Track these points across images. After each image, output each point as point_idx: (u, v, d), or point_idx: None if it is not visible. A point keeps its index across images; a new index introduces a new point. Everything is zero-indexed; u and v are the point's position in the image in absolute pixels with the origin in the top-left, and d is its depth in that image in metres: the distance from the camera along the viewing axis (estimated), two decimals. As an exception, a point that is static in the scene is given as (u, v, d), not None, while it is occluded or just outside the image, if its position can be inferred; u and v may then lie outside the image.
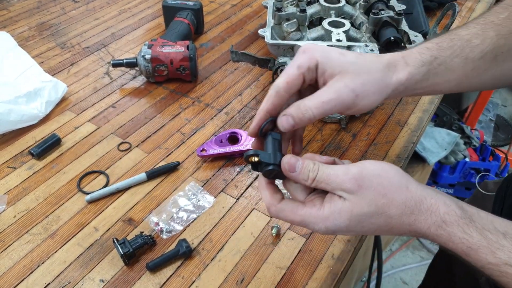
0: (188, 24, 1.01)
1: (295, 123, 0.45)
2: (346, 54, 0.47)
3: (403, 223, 0.40)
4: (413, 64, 0.48)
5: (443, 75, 0.50)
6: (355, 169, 0.41)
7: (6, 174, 0.72)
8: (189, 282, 0.57)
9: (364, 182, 0.40)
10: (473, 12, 1.20)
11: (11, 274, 0.57)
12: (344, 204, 0.41)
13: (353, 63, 0.46)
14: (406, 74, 0.48)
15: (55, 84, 0.85)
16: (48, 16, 1.17)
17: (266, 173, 0.45)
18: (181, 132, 0.81)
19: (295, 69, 0.45)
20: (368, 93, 0.46)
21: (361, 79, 0.45)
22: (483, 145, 1.98)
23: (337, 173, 0.41)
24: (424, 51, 0.50)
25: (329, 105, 0.44)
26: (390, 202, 0.40)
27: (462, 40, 0.50)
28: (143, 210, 0.66)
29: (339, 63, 0.45)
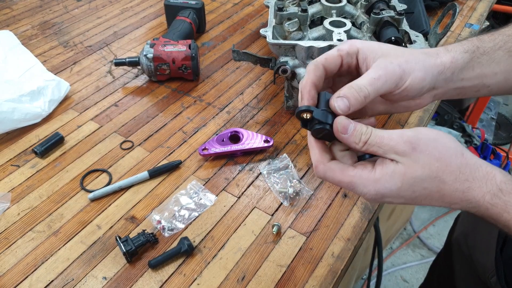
0: (190, 23, 1.02)
1: (350, 104, 0.43)
2: (386, 44, 0.48)
3: (457, 190, 0.39)
4: (455, 50, 0.48)
5: (488, 66, 0.49)
6: (410, 133, 0.40)
7: (10, 172, 0.73)
8: (191, 280, 0.57)
9: (419, 145, 0.39)
10: (474, 11, 1.20)
11: (15, 271, 0.58)
12: (397, 166, 0.39)
13: (393, 48, 0.47)
14: (450, 58, 0.47)
15: (58, 82, 0.86)
16: (51, 15, 1.18)
17: (315, 131, 0.43)
18: (183, 131, 0.81)
19: (335, 51, 0.46)
20: (413, 69, 0.45)
21: (404, 57, 0.45)
22: (484, 143, 1.98)
23: (391, 136, 0.40)
24: (465, 42, 0.49)
25: (380, 81, 0.43)
26: (444, 167, 0.39)
27: (504, 35, 0.50)
28: (145, 208, 0.67)
29: (380, 49, 0.46)
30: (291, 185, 0.69)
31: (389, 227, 1.74)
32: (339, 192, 0.69)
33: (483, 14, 1.20)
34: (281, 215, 0.66)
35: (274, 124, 0.82)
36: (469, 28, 1.13)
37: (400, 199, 0.41)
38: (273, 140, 0.76)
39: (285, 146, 0.78)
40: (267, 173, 0.72)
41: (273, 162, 0.73)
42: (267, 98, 0.89)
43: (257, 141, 0.75)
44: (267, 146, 0.74)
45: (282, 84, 0.93)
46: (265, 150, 0.76)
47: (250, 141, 0.75)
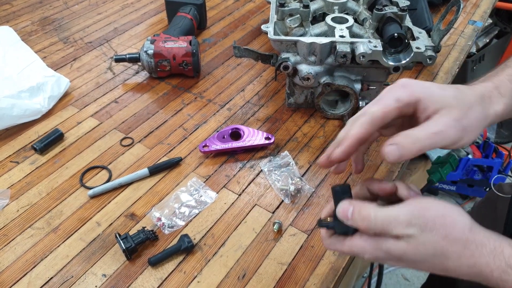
0: (191, 19, 1.01)
1: (402, 154, 0.40)
2: (446, 89, 0.45)
3: (461, 265, 0.38)
4: (508, 95, 0.46)
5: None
6: (417, 211, 0.38)
7: (9, 168, 0.72)
8: (191, 277, 0.57)
9: (427, 225, 0.38)
10: (477, 8, 1.19)
11: (14, 268, 0.58)
12: (397, 244, 0.39)
13: (455, 97, 0.43)
14: (502, 106, 0.46)
15: (58, 79, 0.85)
16: (51, 11, 1.17)
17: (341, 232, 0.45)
18: (183, 127, 0.81)
19: (394, 101, 0.42)
20: (473, 128, 0.43)
21: (467, 114, 0.43)
22: (486, 142, 1.97)
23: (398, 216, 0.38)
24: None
25: (439, 136, 0.41)
26: (449, 245, 0.38)
27: None
28: (145, 205, 0.66)
29: (442, 98, 0.43)
30: (292, 183, 0.68)
31: (390, 225, 1.73)
32: (340, 190, 0.69)
33: (487, 11, 1.19)
34: (282, 212, 0.65)
35: (275, 121, 0.82)
36: (472, 25, 1.12)
37: (400, 263, 0.40)
38: (274, 137, 0.75)
39: (286, 143, 0.77)
40: (268, 171, 0.71)
41: (274, 160, 0.73)
42: (268, 95, 0.88)
43: (258, 138, 0.74)
44: (268, 143, 0.74)
45: (283, 81, 0.92)
46: (266, 147, 0.76)
47: (251, 138, 0.74)
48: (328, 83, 0.77)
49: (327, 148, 0.46)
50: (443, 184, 1.99)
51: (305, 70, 0.76)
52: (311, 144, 0.77)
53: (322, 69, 0.77)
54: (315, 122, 0.81)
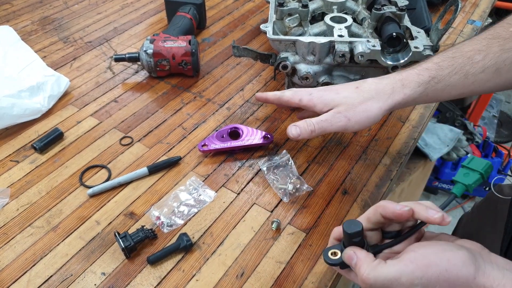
0: (190, 19, 1.01)
1: (300, 133, 0.60)
2: (340, 92, 0.60)
3: None
4: (409, 86, 0.56)
5: (443, 90, 0.55)
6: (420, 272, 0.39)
7: (9, 167, 0.72)
8: (190, 276, 0.57)
9: (430, 284, 0.38)
10: (477, 8, 1.20)
11: (14, 267, 0.58)
12: None
13: (345, 97, 0.59)
14: (402, 96, 0.56)
15: (57, 78, 0.86)
16: (51, 11, 1.17)
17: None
18: (182, 127, 0.81)
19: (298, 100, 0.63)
20: (359, 118, 0.58)
21: (352, 107, 0.58)
22: (485, 141, 1.97)
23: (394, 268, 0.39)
24: (423, 72, 0.56)
25: (325, 123, 0.59)
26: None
27: (464, 57, 0.54)
28: (145, 204, 0.66)
29: (332, 101, 0.59)
30: (291, 182, 0.68)
31: (389, 225, 1.73)
32: (339, 189, 0.69)
33: (486, 11, 1.19)
34: (280, 211, 0.65)
35: (274, 121, 0.82)
36: (471, 25, 1.12)
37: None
38: (273, 137, 0.75)
39: (285, 143, 0.77)
40: (266, 170, 0.71)
41: (273, 159, 0.73)
42: (267, 94, 0.89)
43: (257, 137, 0.74)
44: (267, 142, 0.74)
45: (282, 80, 0.92)
46: (265, 147, 0.76)
47: (250, 138, 0.74)
48: (327, 82, 0.77)
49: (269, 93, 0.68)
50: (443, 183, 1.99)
51: (304, 69, 0.77)
52: (310, 144, 0.77)
53: (320, 68, 0.77)
54: (314, 121, 0.82)
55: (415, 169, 1.53)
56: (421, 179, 1.73)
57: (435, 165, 1.90)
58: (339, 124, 0.58)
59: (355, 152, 0.75)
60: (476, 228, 0.78)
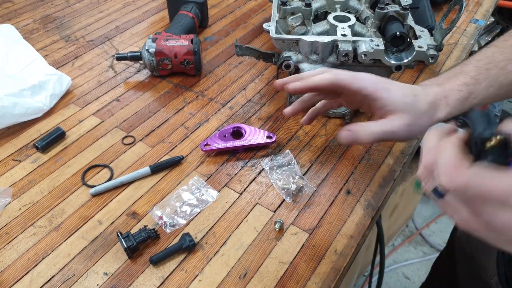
0: (192, 18, 1.01)
1: (354, 140, 0.53)
2: (406, 96, 0.55)
3: None
4: (452, 104, 0.55)
5: (477, 104, 0.55)
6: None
7: (11, 167, 0.72)
8: (192, 276, 0.57)
9: None
10: (480, 7, 1.19)
11: (16, 266, 0.58)
12: None
13: (411, 105, 0.54)
14: (445, 114, 0.55)
15: (59, 77, 0.85)
16: (52, 9, 1.17)
17: None
18: (185, 126, 0.81)
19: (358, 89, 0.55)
20: (418, 132, 0.55)
21: (416, 121, 0.54)
22: (487, 140, 1.97)
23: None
24: (462, 88, 0.55)
25: (389, 135, 0.54)
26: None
27: (497, 68, 0.54)
28: (147, 204, 0.66)
29: (399, 103, 0.54)
30: (294, 182, 0.68)
31: (391, 224, 1.73)
32: (342, 189, 0.69)
33: (489, 10, 1.18)
34: (283, 211, 0.65)
35: (276, 120, 0.82)
36: (474, 24, 1.12)
37: None
38: (276, 136, 0.75)
39: (288, 142, 0.77)
40: (269, 169, 0.71)
41: (275, 158, 0.73)
42: (270, 94, 0.88)
43: (260, 137, 0.74)
44: (269, 142, 0.74)
45: (285, 80, 0.92)
46: (267, 146, 0.76)
47: (253, 137, 0.74)
48: (330, 82, 0.77)
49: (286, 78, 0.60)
50: (445, 182, 1.98)
51: (307, 68, 0.76)
52: (313, 143, 0.77)
53: (324, 67, 0.76)
54: (316, 121, 0.81)
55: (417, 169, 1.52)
56: (423, 178, 1.73)
57: (437, 165, 1.89)
58: (399, 136, 0.55)
59: (358, 152, 0.75)
60: None
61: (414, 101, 0.54)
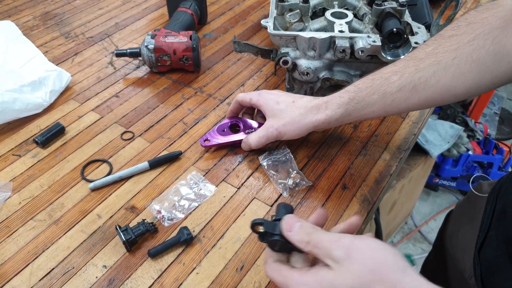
0: (191, 14, 1.01)
1: (248, 148, 0.72)
2: (280, 103, 0.67)
3: None
4: (331, 107, 0.63)
5: (364, 109, 0.61)
6: (349, 239, 0.39)
7: (11, 161, 0.73)
8: (190, 269, 0.58)
9: (354, 252, 0.37)
10: (478, 4, 1.19)
11: (16, 259, 0.59)
12: (327, 273, 0.38)
13: (281, 110, 0.67)
14: (324, 116, 0.63)
15: (59, 73, 0.86)
16: (52, 6, 1.17)
17: (271, 243, 0.46)
18: (183, 122, 0.81)
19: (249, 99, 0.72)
20: (288, 131, 0.66)
21: (282, 121, 0.66)
22: (486, 138, 1.97)
23: (330, 238, 0.40)
24: (343, 95, 0.62)
25: (262, 139, 0.69)
26: (378, 280, 0.36)
27: (382, 79, 0.59)
28: (146, 198, 0.67)
29: (271, 109, 0.68)
30: (291, 176, 0.69)
31: (390, 221, 1.74)
32: (338, 184, 0.69)
33: (487, 7, 1.19)
34: (280, 206, 0.66)
35: (274, 116, 0.82)
36: (472, 21, 1.12)
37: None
38: None
39: (286, 138, 0.77)
40: (267, 165, 0.72)
41: (273, 154, 0.73)
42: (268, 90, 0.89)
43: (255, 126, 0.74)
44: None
45: (283, 76, 0.92)
46: None
47: (251, 130, 0.74)
48: (327, 77, 0.77)
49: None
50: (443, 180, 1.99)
51: (305, 65, 0.77)
52: (310, 139, 0.77)
53: (321, 64, 0.77)
54: (314, 116, 0.82)
55: (415, 166, 1.53)
56: (422, 175, 1.74)
57: (436, 162, 1.90)
58: (273, 136, 0.68)
59: (355, 147, 0.76)
60: (458, 226, 0.78)
61: (287, 107, 0.66)
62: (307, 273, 0.40)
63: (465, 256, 0.68)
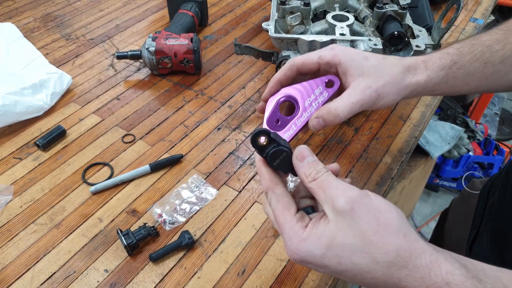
0: (192, 17, 1.01)
1: (325, 124, 0.47)
2: (369, 58, 0.50)
3: (391, 276, 0.34)
4: (432, 68, 0.51)
5: (462, 79, 0.52)
6: (357, 192, 0.36)
7: (13, 165, 0.73)
8: (191, 273, 0.58)
9: (359, 209, 0.35)
10: (479, 6, 1.19)
11: (17, 263, 0.59)
12: (327, 228, 0.36)
13: (374, 66, 0.49)
14: (425, 77, 0.50)
15: (60, 75, 0.86)
16: (53, 7, 1.17)
17: (273, 154, 0.40)
18: (184, 124, 0.81)
19: (316, 57, 0.48)
20: (388, 93, 0.49)
21: (382, 80, 0.48)
22: (487, 139, 1.97)
23: (339, 186, 0.37)
24: (444, 56, 0.52)
25: (356, 106, 0.47)
26: (380, 243, 0.34)
27: (483, 46, 0.52)
28: (147, 201, 0.67)
29: (361, 66, 0.48)
30: (292, 180, 0.69)
31: (390, 222, 1.73)
32: (340, 187, 0.69)
33: (488, 9, 1.19)
34: (281, 209, 0.66)
35: (275, 119, 0.82)
36: (473, 23, 1.12)
37: (323, 268, 0.36)
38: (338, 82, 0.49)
39: (287, 141, 0.77)
40: (268, 168, 0.72)
41: (274, 157, 0.73)
42: (269, 92, 0.89)
43: (318, 94, 0.48)
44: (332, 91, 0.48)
45: (284, 78, 0.92)
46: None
47: (310, 100, 0.48)
48: (328, 81, 0.77)
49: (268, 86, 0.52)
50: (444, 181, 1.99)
51: (306, 68, 0.77)
52: (311, 142, 0.77)
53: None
54: (315, 119, 0.82)
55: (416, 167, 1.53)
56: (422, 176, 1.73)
57: (436, 163, 1.90)
58: (370, 101, 0.48)
59: (356, 151, 0.76)
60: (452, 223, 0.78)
61: (381, 63, 0.49)
62: (306, 229, 0.37)
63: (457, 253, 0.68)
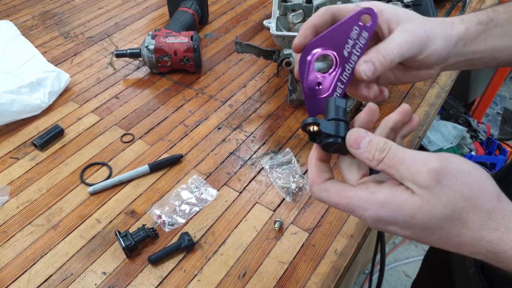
0: (192, 14, 1.00)
1: (376, 68, 0.41)
2: (408, 13, 0.46)
3: (482, 239, 0.32)
4: (468, 21, 0.47)
5: (501, 39, 0.48)
6: (437, 161, 0.32)
7: (9, 164, 0.72)
8: (191, 276, 0.57)
9: (446, 178, 0.32)
10: (483, 4, 1.18)
11: (14, 265, 0.58)
12: (411, 197, 0.33)
13: (416, 14, 0.46)
14: (463, 29, 0.46)
15: (58, 74, 0.85)
16: (51, 5, 1.16)
17: (325, 145, 0.38)
18: (184, 124, 0.80)
19: (353, 5, 0.44)
20: (437, 37, 0.45)
21: (428, 24, 0.45)
22: (489, 138, 1.96)
23: (414, 159, 0.33)
24: (480, 13, 0.48)
25: (407, 45, 0.42)
26: (472, 208, 0.32)
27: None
28: (146, 202, 0.66)
29: (403, 13, 0.45)
30: (294, 181, 0.67)
31: (392, 222, 1.73)
32: (342, 188, 0.68)
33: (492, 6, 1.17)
34: (283, 210, 0.65)
35: (277, 118, 0.81)
36: (477, 21, 1.11)
37: (406, 231, 0.34)
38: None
39: (288, 141, 0.76)
40: (269, 168, 0.70)
41: (275, 157, 0.72)
42: (270, 91, 0.88)
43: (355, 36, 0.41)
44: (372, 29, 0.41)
45: (285, 77, 0.91)
46: (266, 142, 0.75)
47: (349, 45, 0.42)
48: (331, 79, 0.76)
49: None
50: (446, 180, 1.98)
51: (308, 66, 0.75)
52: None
53: (324, 65, 0.76)
54: (317, 119, 0.81)
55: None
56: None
57: (438, 163, 1.88)
58: (421, 40, 0.43)
59: (359, 151, 0.74)
60: None
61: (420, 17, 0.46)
62: (381, 192, 0.34)
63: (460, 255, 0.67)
